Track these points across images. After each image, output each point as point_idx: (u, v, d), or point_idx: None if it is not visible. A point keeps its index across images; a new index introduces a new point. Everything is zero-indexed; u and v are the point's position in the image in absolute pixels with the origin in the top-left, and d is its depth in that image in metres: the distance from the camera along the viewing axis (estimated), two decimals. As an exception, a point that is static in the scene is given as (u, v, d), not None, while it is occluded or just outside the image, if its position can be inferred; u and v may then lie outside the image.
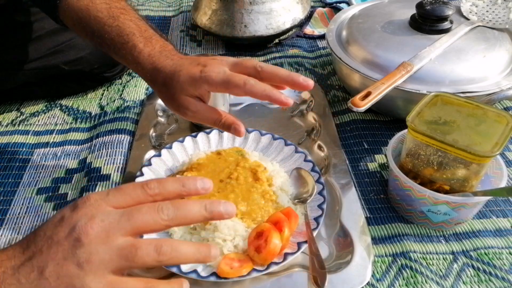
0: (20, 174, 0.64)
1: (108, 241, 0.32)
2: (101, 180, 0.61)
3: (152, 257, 0.33)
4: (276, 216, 0.50)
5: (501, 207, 0.57)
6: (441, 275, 0.50)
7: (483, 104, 0.52)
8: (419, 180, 0.53)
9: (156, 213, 0.34)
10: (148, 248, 0.33)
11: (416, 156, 0.53)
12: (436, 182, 0.52)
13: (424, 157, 0.52)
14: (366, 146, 0.67)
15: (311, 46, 0.94)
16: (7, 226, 0.56)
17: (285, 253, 0.48)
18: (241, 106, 0.75)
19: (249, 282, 0.48)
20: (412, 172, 0.54)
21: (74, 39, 0.73)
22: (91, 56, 0.75)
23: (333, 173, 0.60)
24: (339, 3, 1.06)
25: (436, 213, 0.52)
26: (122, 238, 0.33)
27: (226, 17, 0.87)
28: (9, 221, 0.57)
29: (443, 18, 0.67)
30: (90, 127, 0.73)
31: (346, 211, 0.55)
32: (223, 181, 0.56)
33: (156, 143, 0.68)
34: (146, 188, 0.35)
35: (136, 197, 0.35)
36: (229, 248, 0.49)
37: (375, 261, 0.51)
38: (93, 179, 0.61)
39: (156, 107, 0.74)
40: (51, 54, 0.72)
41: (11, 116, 0.76)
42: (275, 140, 0.64)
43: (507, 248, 0.52)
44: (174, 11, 1.10)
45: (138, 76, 0.83)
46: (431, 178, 0.52)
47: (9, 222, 0.57)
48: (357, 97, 0.57)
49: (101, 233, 0.33)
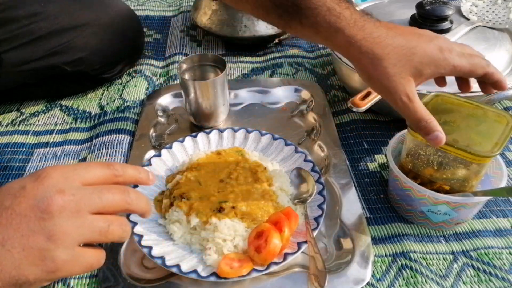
0: (20, 174, 0.64)
1: (78, 215, 0.33)
2: (101, 180, 0.61)
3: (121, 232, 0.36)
4: (276, 216, 0.50)
5: (501, 207, 0.57)
6: (441, 275, 0.50)
7: (483, 104, 0.52)
8: (419, 180, 0.53)
9: (123, 195, 0.37)
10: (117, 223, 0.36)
11: (416, 156, 0.53)
12: (436, 182, 0.52)
13: (424, 157, 0.52)
14: (366, 146, 0.67)
15: (311, 46, 0.94)
16: (7, 226, 0.56)
17: (285, 253, 0.48)
18: (241, 106, 0.75)
19: (249, 282, 0.48)
20: (412, 172, 0.54)
21: (75, 40, 0.73)
22: (92, 56, 0.75)
23: (333, 173, 0.60)
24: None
25: (436, 213, 0.52)
26: (91, 214, 0.34)
27: (226, 17, 0.87)
28: (9, 221, 0.57)
29: (443, 18, 0.67)
30: (90, 127, 0.73)
31: (346, 211, 0.55)
32: (223, 181, 0.56)
33: (156, 143, 0.68)
34: (112, 168, 0.38)
35: (103, 175, 0.37)
36: (229, 248, 0.49)
37: (375, 261, 0.51)
38: (93, 179, 0.61)
39: (156, 107, 0.74)
40: (51, 54, 0.72)
41: (11, 116, 0.76)
42: (275, 140, 0.64)
43: (507, 248, 0.52)
44: (174, 11, 1.10)
45: (138, 76, 0.84)
46: (431, 178, 0.52)
47: (9, 222, 0.57)
48: (357, 97, 0.57)
49: (72, 207, 0.33)
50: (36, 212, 0.32)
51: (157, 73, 0.86)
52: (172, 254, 0.49)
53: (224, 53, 0.92)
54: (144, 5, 1.13)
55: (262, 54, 0.91)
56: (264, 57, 0.90)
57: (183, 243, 0.51)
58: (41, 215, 0.32)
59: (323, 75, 0.84)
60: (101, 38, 0.76)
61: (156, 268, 0.49)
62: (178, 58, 0.89)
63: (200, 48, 0.95)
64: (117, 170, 0.38)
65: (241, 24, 0.86)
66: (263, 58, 0.90)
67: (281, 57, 0.89)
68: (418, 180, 0.53)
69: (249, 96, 0.77)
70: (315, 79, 0.83)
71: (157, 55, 0.92)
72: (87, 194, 0.34)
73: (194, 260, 0.49)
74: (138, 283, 0.48)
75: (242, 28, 0.87)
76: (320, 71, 0.85)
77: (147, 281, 0.49)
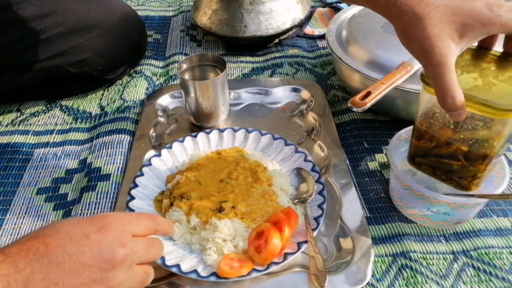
0: (20, 174, 0.64)
1: (131, 267, 0.38)
2: (101, 180, 0.61)
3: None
4: (276, 216, 0.50)
5: (502, 206, 0.57)
6: (441, 275, 0.50)
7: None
8: (435, 142, 0.49)
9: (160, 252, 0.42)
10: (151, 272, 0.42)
11: (431, 115, 0.48)
12: (453, 144, 0.47)
13: (439, 115, 0.47)
14: (366, 146, 0.67)
15: (311, 46, 0.94)
16: (7, 226, 0.56)
17: (285, 253, 0.48)
18: (241, 106, 0.75)
19: (249, 282, 0.48)
20: (427, 134, 0.49)
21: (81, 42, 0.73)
22: (96, 58, 0.75)
23: (333, 173, 0.60)
24: (339, 3, 1.06)
25: (436, 213, 0.52)
26: (138, 265, 0.39)
27: (226, 17, 0.87)
28: (9, 221, 0.57)
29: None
30: (90, 127, 0.73)
31: (346, 211, 0.55)
32: (223, 181, 0.56)
33: (156, 143, 0.68)
34: (155, 223, 0.42)
35: (148, 229, 0.41)
36: (229, 248, 0.49)
37: (375, 261, 0.51)
38: (93, 179, 0.61)
39: (156, 107, 0.74)
40: (57, 55, 0.72)
41: (11, 116, 0.76)
42: (275, 140, 0.64)
43: (507, 248, 0.52)
44: (174, 11, 1.10)
45: (138, 76, 0.84)
46: (448, 139, 0.48)
47: (9, 222, 0.57)
48: (357, 97, 0.57)
49: (128, 260, 0.37)
50: (100, 263, 0.35)
51: (157, 73, 0.86)
52: (172, 254, 0.49)
53: (224, 53, 0.92)
54: (144, 5, 1.13)
55: (262, 54, 0.91)
56: (264, 57, 0.90)
57: (183, 243, 0.51)
58: (104, 266, 0.35)
59: (323, 75, 0.84)
60: (106, 40, 0.76)
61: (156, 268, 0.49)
62: (178, 58, 0.89)
63: (200, 48, 0.95)
64: (158, 224, 0.43)
65: (241, 24, 0.86)
66: (263, 58, 0.90)
67: (281, 57, 0.89)
68: (433, 142, 0.49)
69: (249, 96, 0.77)
70: (315, 79, 0.83)
71: (157, 55, 0.92)
72: (141, 249, 0.39)
73: (194, 260, 0.49)
74: (138, 283, 0.48)
75: (242, 28, 0.87)
76: (320, 71, 0.85)
77: (147, 281, 0.49)
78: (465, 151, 0.47)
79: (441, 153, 0.48)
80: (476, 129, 0.45)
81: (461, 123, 0.46)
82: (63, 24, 0.71)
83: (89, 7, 0.75)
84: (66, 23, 0.72)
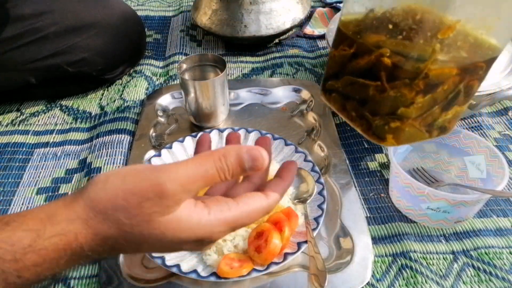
0: (20, 174, 0.64)
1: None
2: (101, 180, 0.61)
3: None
4: (276, 216, 0.50)
5: (502, 206, 0.57)
6: (441, 275, 0.50)
7: None
8: (355, 48, 0.39)
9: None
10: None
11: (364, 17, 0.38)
12: (375, 51, 0.36)
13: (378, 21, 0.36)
14: (366, 146, 0.67)
15: (311, 46, 0.94)
16: (7, 226, 0.56)
17: (285, 253, 0.48)
18: (241, 106, 0.75)
19: (249, 282, 0.48)
20: (349, 38, 0.40)
21: (79, 41, 0.73)
22: (95, 57, 0.75)
23: (333, 173, 0.60)
24: (339, 3, 1.06)
25: (436, 211, 0.52)
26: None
27: (226, 17, 0.87)
28: (9, 221, 0.57)
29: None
30: (90, 127, 0.73)
31: (346, 211, 0.55)
32: (223, 181, 0.55)
33: (156, 143, 0.68)
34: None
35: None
36: (229, 248, 0.49)
37: (375, 261, 0.51)
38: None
39: (156, 107, 0.74)
40: (55, 54, 0.72)
41: (11, 116, 0.76)
42: (275, 140, 0.64)
43: (507, 247, 0.52)
44: (174, 11, 1.10)
45: (138, 76, 0.84)
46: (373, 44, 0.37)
47: (9, 222, 0.57)
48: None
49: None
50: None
51: (157, 73, 0.86)
52: (172, 254, 0.49)
53: (224, 53, 0.92)
54: (144, 5, 1.13)
55: (262, 54, 0.91)
56: (264, 57, 0.90)
57: (183, 243, 0.51)
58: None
59: (323, 75, 0.84)
60: (105, 39, 0.76)
61: (156, 268, 0.49)
62: (178, 58, 0.89)
63: (200, 48, 0.95)
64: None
65: (241, 24, 0.86)
66: (263, 58, 0.90)
67: (281, 57, 0.89)
68: (353, 48, 0.39)
69: (249, 96, 0.77)
70: (315, 79, 0.83)
71: (157, 55, 0.92)
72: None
73: (194, 260, 0.49)
74: (138, 283, 0.48)
75: (242, 28, 0.86)
76: (320, 71, 0.85)
77: (147, 281, 0.48)
78: (389, 65, 0.35)
79: (359, 66, 0.37)
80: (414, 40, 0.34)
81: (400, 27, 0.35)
82: (60, 23, 0.71)
83: (87, 6, 0.75)
84: (63, 21, 0.71)
